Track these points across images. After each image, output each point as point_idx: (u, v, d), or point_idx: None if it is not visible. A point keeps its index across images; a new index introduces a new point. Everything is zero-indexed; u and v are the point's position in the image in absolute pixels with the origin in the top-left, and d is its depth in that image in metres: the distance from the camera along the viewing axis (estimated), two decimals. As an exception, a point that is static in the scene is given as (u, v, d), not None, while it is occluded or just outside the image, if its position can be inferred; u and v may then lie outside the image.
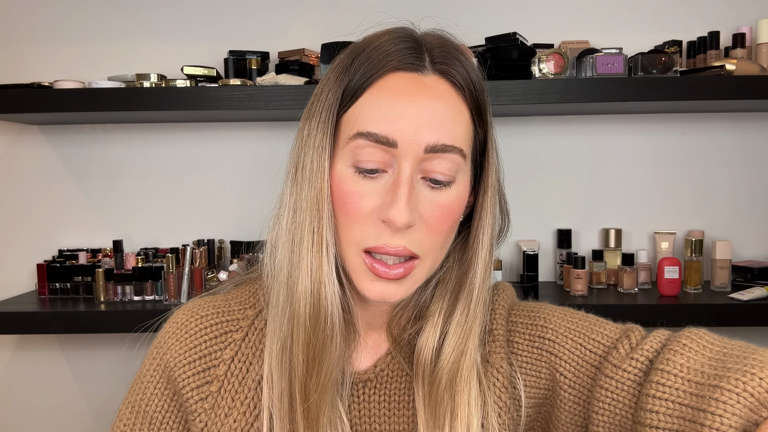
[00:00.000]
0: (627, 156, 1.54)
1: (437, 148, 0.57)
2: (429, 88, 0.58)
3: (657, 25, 1.51)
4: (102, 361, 1.59)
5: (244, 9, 1.53)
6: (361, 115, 0.58)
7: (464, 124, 0.60)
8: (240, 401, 0.65)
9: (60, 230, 1.58)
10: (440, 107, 0.58)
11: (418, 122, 0.56)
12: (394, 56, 0.59)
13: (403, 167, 0.56)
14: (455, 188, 0.59)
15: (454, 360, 0.62)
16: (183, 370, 0.66)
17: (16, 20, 1.54)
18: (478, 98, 0.61)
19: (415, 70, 0.59)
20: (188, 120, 1.53)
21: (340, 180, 0.58)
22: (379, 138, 0.56)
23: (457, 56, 0.61)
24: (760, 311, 1.30)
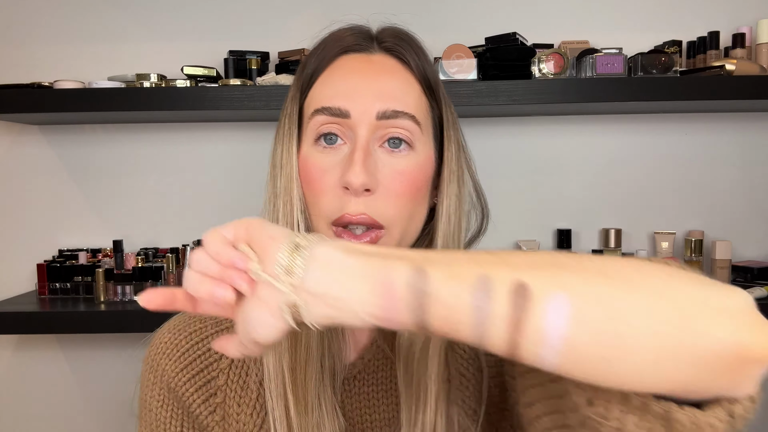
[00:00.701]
0: (627, 156, 1.54)
1: (388, 113, 0.59)
2: (377, 64, 0.63)
3: (657, 25, 1.51)
4: (102, 361, 1.59)
5: (244, 9, 1.53)
6: (317, 96, 0.62)
7: (415, 95, 0.62)
8: (246, 404, 0.66)
9: (60, 230, 1.58)
10: (388, 78, 0.62)
11: (367, 92, 0.60)
12: (344, 41, 0.64)
13: (358, 134, 0.59)
14: (414, 156, 0.61)
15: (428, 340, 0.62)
16: (186, 387, 0.66)
17: (16, 20, 1.54)
18: (427, 73, 0.64)
19: (363, 50, 0.64)
20: (188, 120, 1.53)
21: (305, 159, 0.62)
22: (333, 111, 0.60)
23: (403, 38, 0.65)
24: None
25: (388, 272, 0.42)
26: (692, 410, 0.41)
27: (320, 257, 0.44)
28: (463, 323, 0.41)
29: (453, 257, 0.43)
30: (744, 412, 0.42)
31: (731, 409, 0.41)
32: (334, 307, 0.43)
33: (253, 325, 0.45)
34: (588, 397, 0.43)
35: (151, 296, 0.47)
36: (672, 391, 0.40)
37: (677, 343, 0.38)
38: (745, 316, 0.40)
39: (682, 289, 0.40)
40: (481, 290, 0.40)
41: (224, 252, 0.45)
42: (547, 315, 0.39)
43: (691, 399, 0.42)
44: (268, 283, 0.44)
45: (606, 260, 0.42)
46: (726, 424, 0.41)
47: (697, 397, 0.41)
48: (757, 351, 0.39)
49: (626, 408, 0.42)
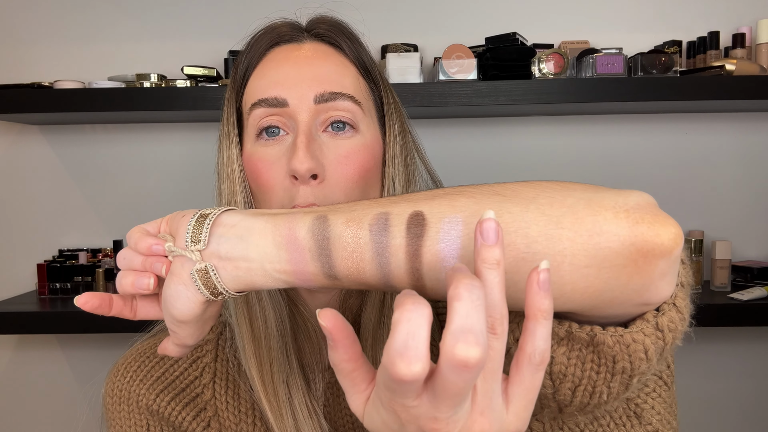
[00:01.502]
0: (627, 156, 1.54)
1: (325, 96, 0.58)
2: (308, 50, 0.62)
3: (657, 25, 1.51)
4: (102, 360, 1.59)
5: (244, 9, 1.53)
6: (252, 91, 0.61)
7: (351, 77, 0.61)
8: (243, 413, 0.65)
9: (60, 230, 1.58)
10: (321, 63, 0.60)
11: (302, 78, 0.59)
12: (273, 33, 0.64)
13: (299, 120, 0.58)
14: (360, 138, 0.60)
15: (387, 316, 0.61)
16: (172, 407, 0.65)
17: (16, 20, 1.54)
18: (361, 57, 0.63)
19: (292, 41, 0.63)
20: (188, 120, 1.53)
21: (250, 157, 0.60)
22: (270, 101, 0.59)
23: (332, 23, 0.64)
24: (760, 311, 1.30)
25: (291, 225, 0.43)
26: (616, 329, 0.41)
27: (224, 222, 0.45)
28: (365, 261, 0.41)
29: (357, 204, 0.44)
30: (671, 323, 0.41)
31: (657, 322, 0.41)
32: (242, 268, 0.43)
33: (171, 302, 0.45)
34: (515, 335, 0.43)
35: (87, 298, 0.47)
36: (583, 304, 0.39)
37: (573, 245, 0.37)
38: (642, 211, 0.38)
39: (574, 195, 0.40)
40: (378, 224, 0.41)
41: (142, 241, 0.46)
42: (440, 236, 0.39)
43: (612, 319, 0.41)
44: (179, 257, 0.45)
45: (504, 184, 0.42)
46: (653, 337, 0.41)
47: (617, 312, 0.41)
48: (658, 242, 0.37)
49: (552, 340, 0.42)
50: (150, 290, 0.46)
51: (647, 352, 0.40)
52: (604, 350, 0.41)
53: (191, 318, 0.46)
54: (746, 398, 1.57)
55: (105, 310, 0.48)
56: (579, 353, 0.42)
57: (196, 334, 0.48)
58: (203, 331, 0.49)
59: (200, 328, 0.48)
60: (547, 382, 0.43)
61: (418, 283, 0.40)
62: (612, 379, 0.41)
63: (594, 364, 0.41)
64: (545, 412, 0.46)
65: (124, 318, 0.50)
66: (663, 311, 0.41)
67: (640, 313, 0.41)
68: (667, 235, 0.38)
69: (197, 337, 0.49)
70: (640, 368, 0.41)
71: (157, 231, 0.48)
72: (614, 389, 0.42)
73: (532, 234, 0.38)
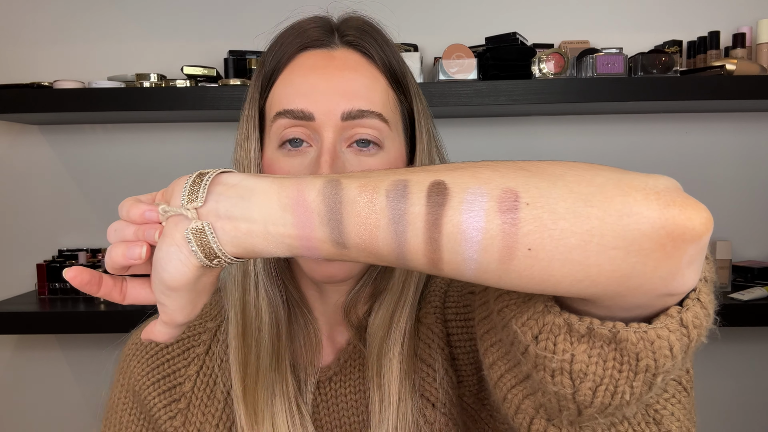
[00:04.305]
0: (627, 156, 1.54)
1: (353, 114, 0.57)
2: (339, 60, 0.59)
3: (657, 25, 1.51)
4: (102, 361, 1.59)
5: (244, 9, 1.53)
6: (278, 97, 0.59)
7: (381, 91, 0.59)
8: (211, 414, 0.64)
9: (60, 230, 1.58)
10: (351, 76, 0.58)
11: (330, 92, 0.57)
12: (303, 36, 0.61)
13: (324, 137, 0.56)
14: (384, 155, 0.59)
15: (392, 331, 0.61)
16: (149, 391, 0.65)
17: (16, 20, 1.54)
18: (393, 66, 0.61)
19: (323, 46, 0.60)
20: (188, 120, 1.53)
21: (270, 164, 0.59)
22: (296, 114, 0.57)
23: (366, 29, 0.62)
24: (761, 311, 1.30)
25: (300, 186, 0.40)
26: (639, 325, 0.39)
27: (224, 180, 0.42)
28: (380, 228, 0.38)
29: (371, 171, 0.41)
30: (696, 319, 0.39)
31: (681, 318, 0.39)
32: (242, 229, 0.41)
33: (161, 266, 0.42)
34: (533, 332, 0.42)
35: (76, 272, 0.45)
36: (607, 289, 0.37)
37: (602, 224, 0.36)
38: (672, 194, 0.37)
39: (603, 174, 0.38)
40: (396, 191, 0.38)
41: (135, 208, 0.44)
42: (463, 207, 0.37)
43: (633, 311, 0.40)
44: (174, 217, 0.42)
45: (527, 161, 0.40)
46: (678, 333, 0.39)
47: (640, 302, 0.39)
48: (690, 226, 0.36)
49: (572, 337, 0.40)
50: (142, 260, 0.43)
51: (672, 348, 0.39)
52: (627, 347, 0.39)
53: (183, 284, 0.42)
54: (746, 398, 1.56)
55: (93, 289, 0.46)
56: (600, 351, 0.40)
57: (188, 308, 0.45)
58: (195, 307, 0.45)
59: (192, 302, 0.44)
60: (566, 382, 0.41)
61: (435, 255, 0.38)
62: (635, 377, 0.40)
63: (616, 362, 0.40)
64: (563, 415, 0.44)
65: (113, 301, 0.47)
66: (687, 307, 0.39)
67: (663, 305, 0.40)
68: (699, 219, 0.36)
69: (188, 314, 0.45)
70: (664, 366, 0.39)
71: (152, 201, 0.45)
72: (637, 389, 0.40)
73: (560, 210, 0.36)
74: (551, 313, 0.41)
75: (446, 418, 0.61)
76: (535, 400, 0.45)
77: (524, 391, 0.46)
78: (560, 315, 0.41)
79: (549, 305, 0.42)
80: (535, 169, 0.39)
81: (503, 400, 0.48)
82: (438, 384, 0.62)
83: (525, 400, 0.46)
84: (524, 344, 0.43)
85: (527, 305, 0.43)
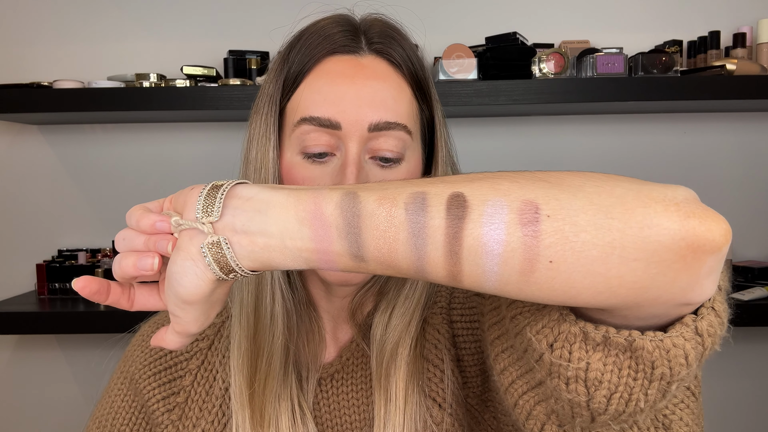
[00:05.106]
0: (627, 156, 1.54)
1: (380, 125, 0.56)
2: (367, 68, 0.59)
3: (657, 25, 1.51)
4: (102, 361, 1.59)
5: (244, 9, 1.52)
6: (303, 101, 0.58)
7: (406, 101, 0.59)
8: (208, 410, 0.64)
9: (60, 230, 1.58)
10: (380, 86, 0.58)
11: (358, 102, 0.56)
12: (330, 40, 0.60)
13: (350, 148, 0.56)
14: (405, 166, 0.59)
15: (400, 331, 0.61)
16: (148, 382, 0.65)
17: (16, 20, 1.54)
18: (417, 75, 0.61)
19: (351, 52, 0.60)
20: (188, 120, 1.53)
21: (290, 168, 0.58)
22: (322, 121, 0.56)
23: (393, 36, 0.61)
24: (761, 311, 1.30)
25: (317, 200, 0.40)
26: (655, 334, 0.39)
27: (239, 194, 0.42)
28: (399, 241, 0.38)
29: (388, 183, 0.41)
30: (710, 327, 0.39)
31: (696, 326, 0.39)
32: (259, 244, 0.40)
33: (177, 279, 0.42)
34: (548, 341, 0.42)
35: (85, 282, 0.44)
36: (627, 300, 0.38)
37: (623, 236, 0.36)
38: (692, 205, 0.37)
39: (622, 185, 0.38)
40: (415, 204, 0.38)
41: (145, 218, 0.43)
42: (483, 219, 0.37)
43: (649, 320, 0.40)
44: (188, 230, 0.41)
45: (544, 171, 0.40)
46: (693, 342, 0.39)
47: (657, 312, 0.39)
48: (710, 238, 0.36)
49: (587, 345, 0.40)
50: (153, 271, 0.42)
51: (687, 357, 0.39)
52: (642, 356, 0.39)
53: (198, 298, 0.42)
54: (747, 398, 1.56)
55: (102, 297, 0.45)
56: (616, 359, 0.40)
57: (201, 319, 0.44)
58: (208, 317, 0.45)
59: (206, 313, 0.44)
60: (581, 389, 0.41)
61: (455, 268, 0.38)
62: (650, 385, 0.40)
63: (631, 371, 0.40)
64: (576, 422, 0.44)
65: (120, 308, 0.47)
66: (702, 315, 0.40)
67: (678, 314, 0.40)
68: (719, 231, 0.36)
69: (201, 324, 0.45)
70: (679, 374, 0.39)
71: (160, 209, 0.45)
72: (651, 396, 0.40)
73: (581, 222, 0.36)
74: (567, 322, 0.41)
75: (452, 419, 0.61)
76: (548, 406, 0.45)
77: (536, 397, 0.46)
78: (576, 323, 0.41)
79: (564, 313, 0.42)
80: (554, 180, 0.38)
81: (514, 406, 0.48)
82: (445, 384, 0.62)
83: (537, 406, 0.46)
84: (539, 352, 0.43)
85: (542, 313, 0.43)
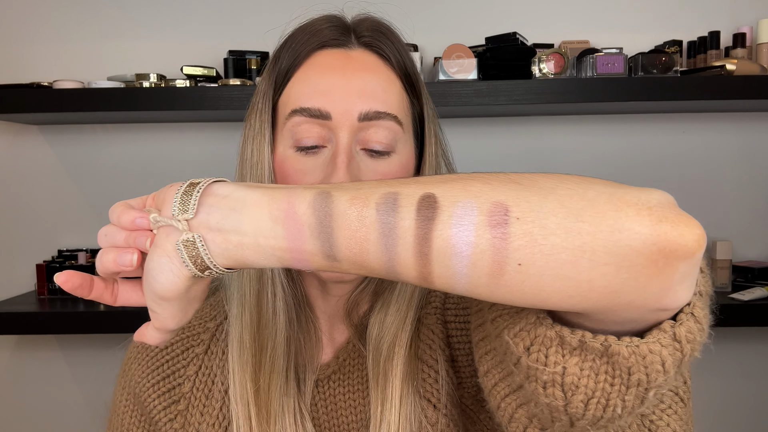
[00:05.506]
0: (627, 156, 1.54)
1: (370, 115, 0.57)
2: (356, 60, 0.59)
3: (657, 25, 1.51)
4: (102, 361, 1.59)
5: (244, 9, 1.52)
6: (294, 94, 0.59)
7: (396, 93, 0.60)
8: (209, 414, 0.64)
9: (59, 230, 1.58)
10: (369, 77, 0.58)
11: (348, 92, 0.57)
12: (320, 35, 0.61)
13: (340, 138, 0.56)
14: (397, 157, 0.59)
15: (396, 330, 0.61)
16: (149, 393, 0.65)
17: (16, 20, 1.54)
18: (407, 69, 0.62)
19: (341, 45, 0.60)
20: (188, 120, 1.53)
21: (282, 162, 0.58)
22: (312, 112, 0.57)
23: (382, 30, 0.62)
24: (761, 311, 1.30)
25: (290, 198, 0.40)
26: (631, 339, 0.39)
27: (216, 191, 0.42)
28: (370, 241, 0.38)
29: (363, 183, 0.41)
30: (689, 334, 0.39)
31: (674, 332, 0.39)
32: (233, 242, 0.41)
33: (153, 276, 0.42)
34: (525, 344, 0.42)
35: (67, 276, 0.45)
36: (598, 304, 0.37)
37: (593, 240, 0.35)
38: (665, 210, 0.36)
39: (595, 188, 0.37)
40: (387, 204, 0.38)
41: (125, 214, 0.44)
42: (453, 221, 0.37)
43: (626, 325, 0.39)
44: (165, 227, 0.42)
45: (519, 173, 0.40)
46: (671, 348, 0.39)
47: (633, 317, 0.39)
48: (681, 243, 0.35)
49: (564, 349, 0.40)
50: (133, 267, 0.43)
51: (664, 363, 0.39)
52: (618, 361, 0.39)
53: (174, 295, 0.43)
54: (747, 398, 1.56)
55: (85, 292, 0.45)
56: (592, 364, 0.39)
57: (179, 315, 0.45)
58: (186, 314, 0.46)
59: (183, 309, 0.45)
60: (558, 394, 0.41)
61: (425, 270, 0.38)
62: (627, 391, 0.39)
63: (608, 376, 0.39)
64: (556, 426, 0.44)
65: (104, 303, 0.47)
66: (681, 321, 0.39)
67: (656, 319, 0.39)
68: (691, 236, 0.36)
69: (179, 321, 0.45)
70: (656, 381, 0.39)
71: (142, 206, 0.45)
72: (629, 402, 0.40)
73: (551, 225, 0.36)
74: (543, 325, 0.41)
75: (447, 419, 0.61)
76: (528, 409, 0.45)
77: (518, 400, 0.46)
78: (552, 327, 0.41)
79: (541, 317, 0.42)
80: (527, 182, 0.38)
81: (497, 408, 0.48)
82: (439, 385, 0.62)
83: (518, 409, 0.46)
84: (516, 355, 0.42)
85: (520, 316, 0.43)
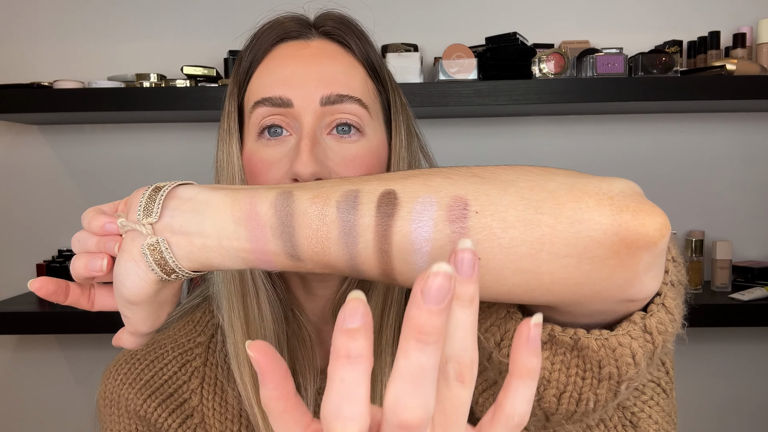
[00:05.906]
0: (627, 156, 1.54)
1: (332, 98, 0.56)
2: (316, 48, 0.59)
3: (657, 25, 1.51)
4: (102, 361, 1.58)
5: (244, 9, 1.53)
6: (255, 88, 0.58)
7: (360, 78, 0.59)
8: (230, 420, 0.63)
9: (60, 230, 1.58)
10: (329, 63, 0.58)
11: (308, 78, 0.56)
12: (279, 29, 0.61)
13: (304, 123, 0.56)
14: (365, 142, 0.58)
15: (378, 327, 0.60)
16: (158, 413, 0.64)
17: (16, 20, 1.54)
18: (370, 57, 0.61)
19: (300, 37, 0.60)
20: (188, 120, 1.53)
21: (250, 157, 0.58)
22: (274, 101, 0.56)
23: (343, 21, 0.62)
24: (761, 311, 1.30)
25: (252, 199, 0.40)
26: (601, 332, 0.38)
27: (179, 195, 0.42)
28: (331, 240, 0.38)
29: (326, 181, 0.41)
30: (660, 325, 0.38)
31: (645, 324, 0.38)
32: (197, 244, 0.40)
33: (120, 281, 0.42)
34: (496, 339, 0.41)
35: (41, 283, 0.44)
36: (563, 297, 0.37)
37: (552, 232, 0.35)
38: (627, 199, 0.35)
39: (556, 180, 0.37)
40: (347, 202, 0.38)
41: (95, 220, 0.43)
42: (412, 216, 0.36)
43: (596, 317, 0.39)
44: (131, 232, 0.42)
45: (483, 166, 0.39)
46: (641, 340, 0.38)
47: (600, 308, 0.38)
48: (642, 233, 0.35)
49: None
50: (103, 272, 0.43)
51: (635, 356, 0.38)
52: (588, 354, 0.38)
53: (142, 299, 0.42)
54: (747, 398, 1.56)
55: (60, 298, 0.45)
56: (563, 357, 0.39)
57: (150, 319, 0.45)
58: (158, 318, 0.45)
59: (154, 313, 0.44)
60: None
61: (387, 267, 0.37)
62: (599, 385, 0.39)
63: (579, 369, 0.39)
64: (531, 421, 0.43)
65: (81, 308, 0.47)
66: (651, 312, 0.39)
67: (625, 310, 0.39)
68: (653, 225, 0.35)
69: (152, 324, 0.45)
70: (627, 374, 0.39)
71: (114, 211, 0.45)
72: (602, 396, 0.40)
73: (510, 219, 0.35)
74: (513, 320, 0.41)
75: None
76: None
77: (494, 395, 0.45)
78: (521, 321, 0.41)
79: (511, 311, 0.41)
80: (488, 175, 0.38)
81: (476, 404, 0.48)
82: None
83: None
84: (488, 351, 0.42)
85: (491, 311, 0.43)
